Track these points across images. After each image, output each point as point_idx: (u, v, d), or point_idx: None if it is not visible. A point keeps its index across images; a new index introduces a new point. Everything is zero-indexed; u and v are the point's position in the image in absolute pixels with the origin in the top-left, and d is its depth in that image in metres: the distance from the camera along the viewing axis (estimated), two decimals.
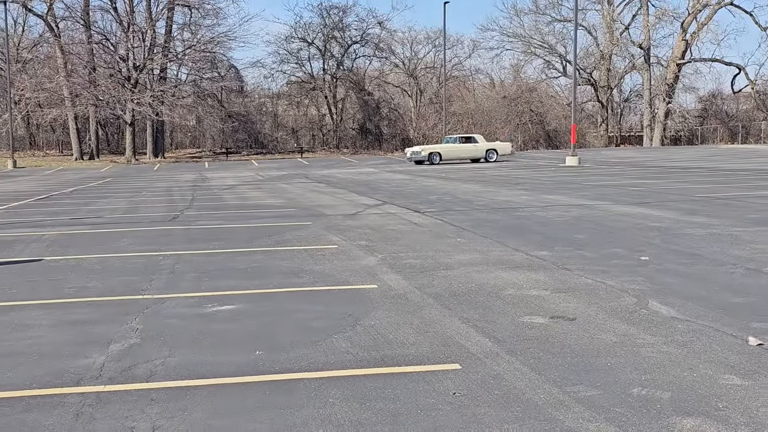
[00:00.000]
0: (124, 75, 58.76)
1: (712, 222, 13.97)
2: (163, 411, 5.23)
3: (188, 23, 63.54)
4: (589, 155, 49.24)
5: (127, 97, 57.09)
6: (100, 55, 60.72)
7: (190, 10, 62.90)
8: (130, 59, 59.27)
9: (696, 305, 7.74)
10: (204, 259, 11.38)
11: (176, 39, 63.50)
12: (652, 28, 70.34)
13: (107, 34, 61.39)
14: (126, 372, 6.09)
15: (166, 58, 61.22)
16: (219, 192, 25.96)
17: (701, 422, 4.83)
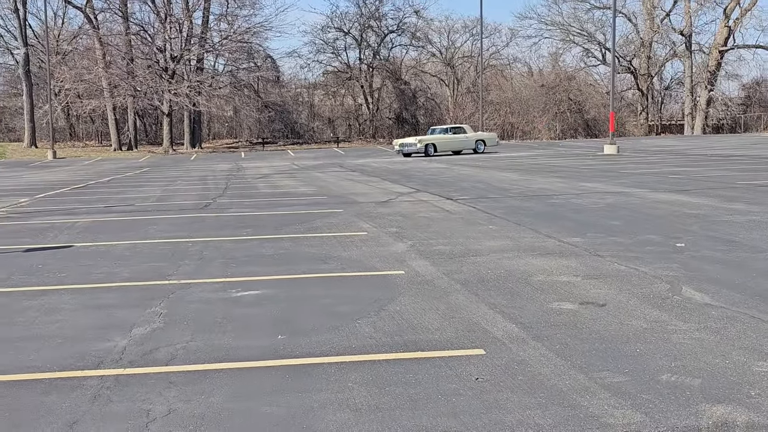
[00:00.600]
0: (161, 66, 59.21)
1: (752, 209, 13.63)
2: (180, 394, 5.17)
3: (225, 14, 63.79)
4: (628, 144, 48.57)
5: (165, 87, 57.53)
6: (138, 46, 61.25)
7: (226, 1, 63.17)
8: (167, 50, 59.68)
9: (732, 292, 7.51)
10: (232, 245, 11.35)
11: (213, 29, 63.87)
12: (694, 15, 69.23)
13: (145, 25, 61.96)
14: (147, 356, 6.05)
15: (202, 49, 61.54)
16: (253, 181, 26.01)
17: (732, 410, 4.65)
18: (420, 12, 73.64)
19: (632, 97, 77.05)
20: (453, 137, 41.65)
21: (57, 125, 63.97)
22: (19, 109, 66.12)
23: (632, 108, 75.82)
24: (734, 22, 67.60)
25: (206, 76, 62.77)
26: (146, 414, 4.85)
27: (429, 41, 77.37)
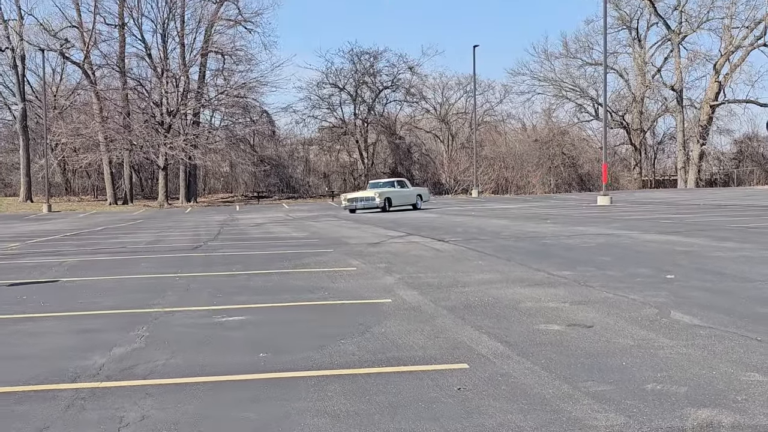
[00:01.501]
0: (157, 120, 59.58)
1: (744, 246, 13.60)
2: (156, 403, 5.07)
3: (221, 69, 64.43)
4: (621, 196, 48.72)
5: (161, 141, 57.82)
6: (135, 101, 61.73)
7: (223, 57, 63.83)
8: (163, 104, 60.13)
9: (720, 315, 7.44)
10: (219, 279, 11.26)
11: (209, 84, 64.41)
12: (685, 71, 69.95)
13: (142, 80, 62.47)
14: (125, 371, 5.94)
15: (199, 104, 62.03)
16: (245, 228, 25.96)
17: (718, 413, 4.56)
18: (414, 68, 74.32)
19: (625, 152, 77.51)
20: (402, 191, 38.01)
21: (53, 180, 64.07)
22: (16, 164, 66.30)
23: (626, 163, 76.23)
24: (724, 78, 68.40)
25: (202, 130, 63.14)
26: (119, 420, 4.74)
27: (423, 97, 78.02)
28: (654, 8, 69.18)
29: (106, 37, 61.23)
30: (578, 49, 75.18)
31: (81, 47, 60.31)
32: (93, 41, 59.58)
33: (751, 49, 67.16)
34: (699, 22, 68.89)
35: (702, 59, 70.21)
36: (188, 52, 61.52)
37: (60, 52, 60.86)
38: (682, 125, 69.83)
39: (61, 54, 61.56)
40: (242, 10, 64.27)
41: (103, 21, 60.20)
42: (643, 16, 72.18)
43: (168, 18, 60.37)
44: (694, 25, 69.13)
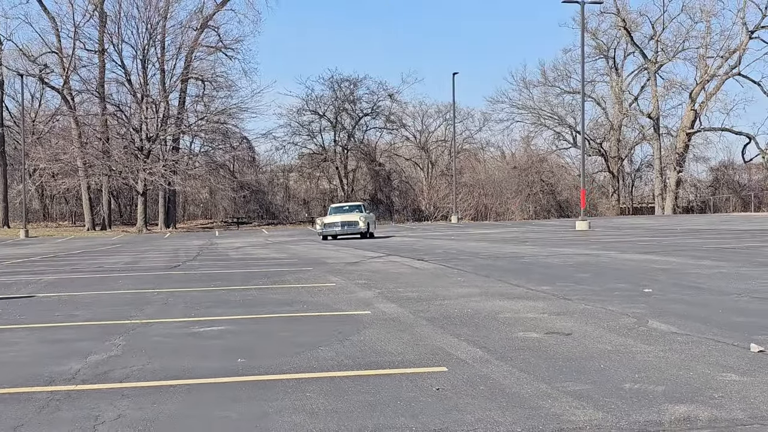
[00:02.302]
0: (137, 146, 59.37)
1: (720, 264, 13.71)
2: (132, 404, 5.02)
3: (201, 95, 64.38)
4: (600, 222, 49.01)
5: (140, 167, 57.57)
6: (114, 127, 61.49)
7: (203, 83, 63.81)
8: (143, 130, 59.93)
9: (697, 323, 7.49)
10: (198, 294, 11.21)
11: (189, 110, 64.32)
12: (661, 99, 70.77)
13: (121, 105, 62.24)
14: (101, 375, 5.89)
15: (178, 129, 61.90)
16: (225, 251, 25.85)
17: (695, 408, 4.58)
18: (394, 96, 74.65)
19: (603, 180, 78.08)
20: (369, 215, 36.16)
21: (30, 205, 63.58)
22: None
23: (603, 190, 76.76)
24: (700, 106, 69.21)
25: (182, 156, 62.97)
26: (95, 418, 4.69)
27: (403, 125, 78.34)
28: (630, 38, 70.08)
29: (86, 63, 61.09)
30: (556, 78, 75.96)
31: (60, 73, 60.15)
32: (72, 67, 59.44)
33: (726, 78, 68.07)
34: (675, 52, 69.85)
35: (678, 88, 71.13)
36: (168, 78, 61.47)
37: (39, 78, 60.64)
38: (659, 153, 70.53)
39: (40, 79, 61.34)
40: (223, 37, 64.39)
41: (83, 47, 60.10)
42: (620, 46, 73.13)
43: (148, 44, 60.35)
44: (670, 54, 70.08)
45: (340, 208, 37.03)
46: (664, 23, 69.56)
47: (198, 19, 61.79)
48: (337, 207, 37.97)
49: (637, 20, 70.60)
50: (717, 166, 76.14)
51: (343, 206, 37.84)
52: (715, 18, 78.99)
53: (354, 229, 33.52)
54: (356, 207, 37.07)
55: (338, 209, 36.87)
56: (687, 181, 73.62)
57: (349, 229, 33.53)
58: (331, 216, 34.85)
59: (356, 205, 37.56)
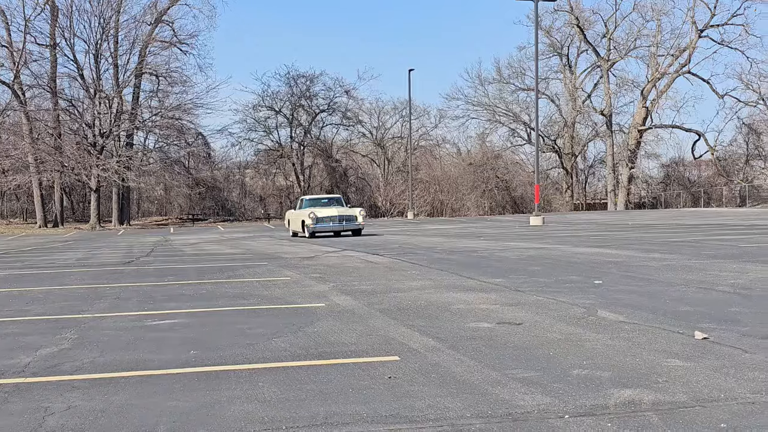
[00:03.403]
0: (90, 141, 58.53)
1: (668, 257, 13.98)
2: (82, 395, 4.99)
3: (156, 91, 63.70)
4: (553, 218, 49.54)
5: (93, 163, 56.77)
6: (66, 122, 60.54)
7: (157, 79, 63.13)
8: (96, 126, 59.09)
9: (644, 313, 7.65)
10: (151, 288, 11.13)
11: (143, 106, 63.58)
12: (614, 96, 71.74)
13: (74, 101, 61.34)
14: (51, 368, 5.84)
15: (132, 125, 61.15)
16: (179, 247, 25.63)
17: (639, 392, 4.70)
18: (350, 92, 74.59)
19: (557, 176, 78.93)
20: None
21: None
22: None
23: (557, 186, 77.62)
24: (651, 103, 70.29)
25: (136, 152, 62.25)
26: (44, 410, 4.66)
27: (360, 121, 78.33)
28: (584, 36, 70.90)
29: (37, 57, 59.93)
30: (511, 75, 76.53)
31: (10, 67, 59.00)
32: (23, 61, 58.31)
33: (676, 76, 69.21)
34: (627, 50, 70.83)
35: (630, 85, 72.15)
36: (122, 73, 60.67)
37: None
38: (611, 149, 71.49)
39: None
40: (177, 31, 63.73)
41: (34, 41, 58.97)
42: (574, 44, 73.94)
43: (101, 39, 59.46)
44: (622, 52, 71.02)
45: (318, 201, 31.60)
46: (616, 22, 70.50)
47: (152, 14, 61.08)
48: (314, 199, 32.17)
49: (590, 18, 71.49)
50: (668, 163, 77.51)
51: (321, 198, 32.39)
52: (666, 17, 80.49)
53: (353, 225, 29.13)
54: (336, 200, 31.85)
55: (315, 201, 31.48)
56: (639, 178, 74.79)
57: (349, 225, 29.04)
58: (321, 209, 29.27)
59: (336, 198, 32.33)
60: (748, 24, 66.23)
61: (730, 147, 75.09)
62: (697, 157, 75.10)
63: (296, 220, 30.36)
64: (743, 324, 6.85)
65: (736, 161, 74.51)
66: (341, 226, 28.70)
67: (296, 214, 30.91)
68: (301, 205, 31.11)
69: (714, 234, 22.01)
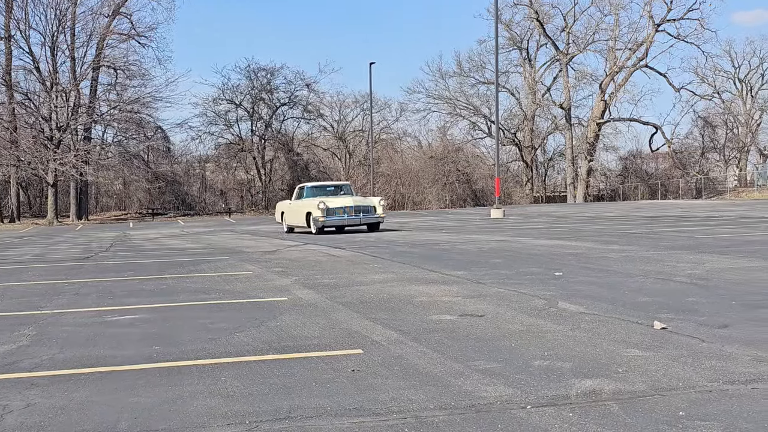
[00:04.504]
0: (46, 135, 57.63)
1: (627, 248, 14.17)
2: (42, 392, 4.93)
3: (114, 84, 62.85)
4: (514, 210, 49.93)
5: (50, 157, 55.92)
6: (22, 116, 59.48)
7: (115, 72, 62.28)
8: (53, 119, 58.19)
9: (604, 304, 7.75)
10: (111, 284, 11.01)
11: (101, 99, 62.71)
12: (573, 90, 72.41)
13: (30, 94, 60.29)
14: (9, 366, 5.76)
15: (90, 119, 60.31)
16: (139, 242, 25.38)
17: (600, 382, 4.76)
18: (311, 86, 74.34)
19: (517, 169, 79.48)
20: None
21: None
22: None
23: (518, 179, 78.17)
24: (610, 97, 71.06)
25: (94, 146, 61.43)
26: (2, 408, 4.60)
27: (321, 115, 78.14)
28: (543, 29, 71.41)
29: None
30: (471, 68, 76.88)
31: None
32: None
33: (634, 70, 70.06)
34: (585, 44, 71.46)
35: (589, 79, 72.86)
36: (79, 66, 59.78)
37: None
38: (570, 142, 72.17)
39: None
40: (135, 24, 62.92)
41: None
42: (533, 37, 74.44)
43: (57, 31, 58.52)
44: (581, 46, 71.65)
45: (323, 189, 26.63)
46: (575, 16, 71.12)
47: (109, 6, 60.22)
48: (318, 187, 27.06)
49: (550, 12, 72.01)
50: (626, 156, 78.49)
51: (326, 186, 27.48)
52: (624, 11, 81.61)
53: (371, 218, 24.43)
54: (345, 188, 27.01)
55: (320, 190, 26.39)
56: (597, 170, 75.64)
57: (366, 218, 24.32)
58: (332, 198, 24.51)
59: (344, 185, 27.41)
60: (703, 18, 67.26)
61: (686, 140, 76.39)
62: (654, 150, 76.17)
63: (296, 213, 25.62)
64: (700, 314, 6.97)
65: (692, 154, 75.75)
66: (357, 219, 24.02)
67: (296, 205, 25.91)
68: (302, 194, 26.12)
69: (671, 225, 22.34)
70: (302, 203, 25.33)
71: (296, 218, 25.63)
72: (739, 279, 9.27)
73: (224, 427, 4.13)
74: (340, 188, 26.78)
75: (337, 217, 23.70)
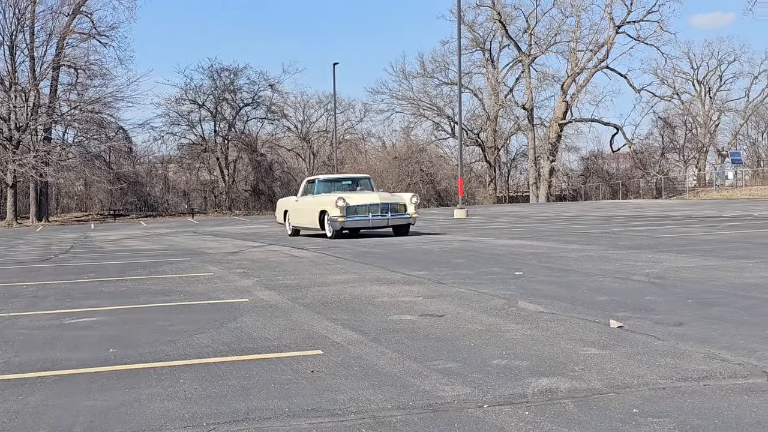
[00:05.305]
0: (5, 136, 56.75)
1: (586, 248, 14.33)
2: None
3: (74, 84, 62.04)
4: (477, 210, 50.21)
5: (9, 158, 55.08)
6: None
7: (76, 71, 61.51)
8: (11, 120, 57.31)
9: (563, 303, 7.83)
10: (70, 286, 10.89)
11: (62, 99, 61.86)
12: (535, 90, 72.95)
13: None
14: None
15: (50, 119, 59.50)
16: (100, 243, 25.10)
17: (556, 380, 4.81)
18: (275, 86, 74.08)
19: (480, 169, 79.94)
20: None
21: None
22: None
23: (481, 179, 78.63)
24: (571, 98, 71.74)
25: (54, 146, 60.62)
26: None
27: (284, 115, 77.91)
28: (506, 31, 71.88)
29: None
30: (435, 69, 77.18)
31: None
32: None
33: (595, 71, 70.82)
34: (547, 45, 72.09)
35: (551, 80, 73.51)
36: (38, 66, 58.91)
37: None
38: (533, 143, 72.73)
39: None
40: (96, 23, 62.20)
41: None
42: (496, 39, 74.89)
43: (16, 30, 57.65)
44: (543, 47, 72.26)
45: (337, 183, 22.43)
46: (537, 17, 71.69)
47: (70, 5, 59.42)
48: (331, 180, 22.77)
49: (512, 14, 72.50)
50: (587, 156, 79.36)
51: (341, 179, 23.06)
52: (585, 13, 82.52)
53: (401, 219, 20.47)
54: (363, 181, 22.86)
55: (334, 184, 22.20)
56: (560, 170, 76.31)
57: (396, 219, 20.33)
58: (351, 195, 20.54)
59: (363, 179, 23.14)
60: (662, 21, 68.24)
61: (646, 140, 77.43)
62: (615, 150, 77.13)
63: (306, 212, 21.69)
64: (657, 312, 7.08)
65: (653, 154, 76.78)
66: (384, 219, 20.05)
67: (306, 203, 21.89)
68: (312, 189, 22.06)
69: (631, 225, 22.62)
70: (313, 200, 21.20)
71: (305, 218, 21.75)
72: (696, 278, 9.42)
73: (181, 429, 4.11)
74: (357, 182, 22.68)
75: (359, 216, 19.84)
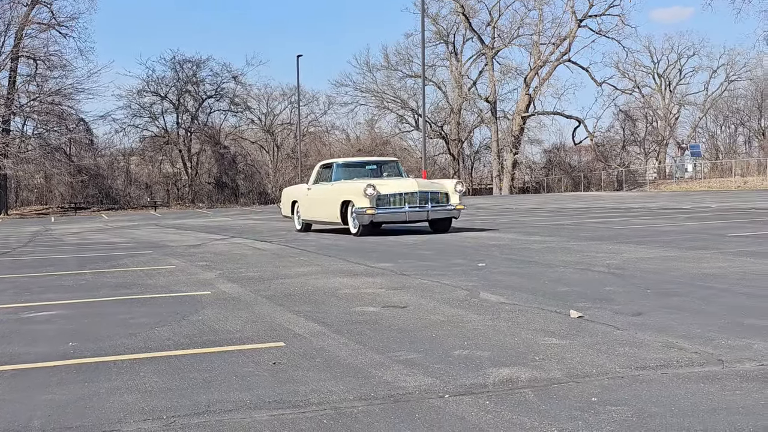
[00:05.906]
0: None
1: (548, 239, 14.45)
2: None
3: (33, 75, 61.16)
4: None
5: None
6: None
7: (35, 62, 60.67)
8: None
9: (524, 294, 7.89)
10: (28, 280, 10.75)
11: (20, 91, 60.94)
12: (498, 84, 73.41)
13: None
14: None
15: (9, 111, 58.61)
16: (60, 237, 24.78)
17: (517, 370, 4.85)
18: (238, 78, 73.79)
19: (444, 162, 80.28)
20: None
21: None
22: None
23: (445, 172, 78.87)
24: (534, 91, 72.31)
25: (13, 138, 59.73)
26: None
27: (248, 108, 77.58)
28: (469, 24, 72.16)
29: None
30: (399, 62, 77.30)
31: None
32: None
33: (558, 64, 71.43)
34: (510, 38, 72.56)
35: (514, 73, 74.06)
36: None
37: None
38: (496, 135, 73.17)
39: None
40: (56, 13, 61.46)
41: None
42: (459, 32, 75.22)
43: None
44: (506, 40, 72.73)
45: (359, 167, 19.21)
46: (500, 10, 72.13)
47: None
48: (351, 164, 19.45)
49: (475, 7, 72.84)
50: (550, 149, 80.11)
51: (364, 162, 19.84)
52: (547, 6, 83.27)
53: (442, 211, 17.16)
54: (389, 165, 19.57)
55: (355, 169, 18.92)
56: (522, 163, 76.92)
57: (435, 211, 16.99)
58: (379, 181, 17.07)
59: (389, 162, 20.01)
60: (623, 15, 69.14)
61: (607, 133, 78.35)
62: (577, 143, 77.91)
63: (323, 202, 18.32)
64: (616, 303, 7.16)
65: (614, 147, 77.66)
66: (424, 211, 16.76)
67: (322, 191, 18.51)
68: (329, 176, 18.58)
69: (592, 217, 22.86)
70: (332, 188, 17.86)
71: (321, 210, 18.47)
72: (655, 268, 9.55)
73: (140, 422, 4.08)
74: (382, 166, 19.25)
75: (393, 208, 16.59)
